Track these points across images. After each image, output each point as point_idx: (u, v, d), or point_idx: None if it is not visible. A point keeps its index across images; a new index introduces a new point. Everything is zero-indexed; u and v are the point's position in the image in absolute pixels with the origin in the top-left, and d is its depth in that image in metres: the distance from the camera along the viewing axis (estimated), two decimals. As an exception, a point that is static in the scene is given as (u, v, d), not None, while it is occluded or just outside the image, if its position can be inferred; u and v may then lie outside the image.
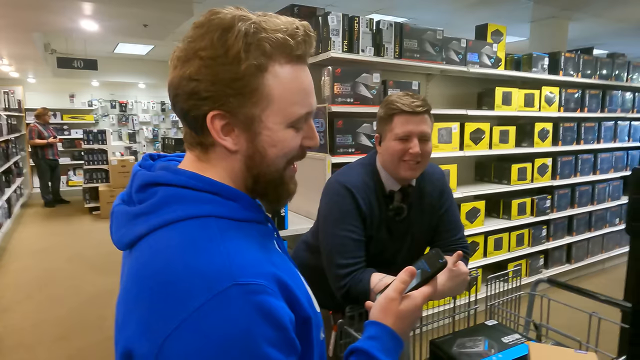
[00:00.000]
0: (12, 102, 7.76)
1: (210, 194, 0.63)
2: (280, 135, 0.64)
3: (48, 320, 3.50)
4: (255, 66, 0.59)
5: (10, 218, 6.53)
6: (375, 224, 1.34)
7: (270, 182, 0.67)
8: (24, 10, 3.56)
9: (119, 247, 0.65)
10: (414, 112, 1.26)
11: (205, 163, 0.66)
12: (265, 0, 4.79)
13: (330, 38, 2.55)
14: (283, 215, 2.45)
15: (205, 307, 0.52)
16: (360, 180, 1.34)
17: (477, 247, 3.47)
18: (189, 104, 0.61)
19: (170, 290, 0.54)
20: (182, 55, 0.61)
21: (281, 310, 0.56)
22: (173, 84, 0.62)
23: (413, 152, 1.26)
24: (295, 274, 0.67)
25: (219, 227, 0.60)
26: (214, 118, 0.61)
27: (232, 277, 0.54)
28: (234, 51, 0.58)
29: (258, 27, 0.59)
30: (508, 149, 3.50)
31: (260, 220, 0.68)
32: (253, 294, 0.54)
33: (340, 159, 2.54)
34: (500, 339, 1.37)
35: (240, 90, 0.60)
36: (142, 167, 0.70)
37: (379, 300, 0.75)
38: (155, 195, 0.62)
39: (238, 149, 0.64)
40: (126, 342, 0.56)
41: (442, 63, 3.01)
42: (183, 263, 0.55)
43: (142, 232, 0.60)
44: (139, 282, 0.58)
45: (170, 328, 0.52)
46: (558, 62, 3.76)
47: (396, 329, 0.72)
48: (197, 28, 0.61)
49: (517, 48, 7.24)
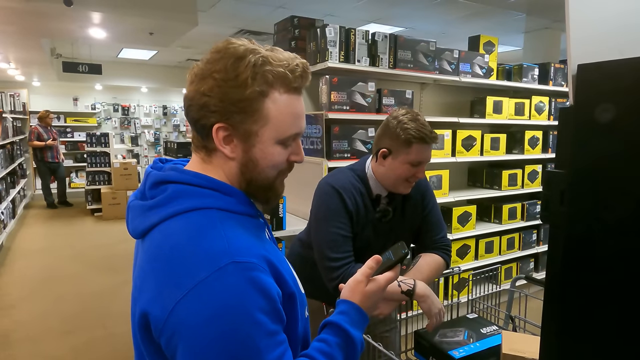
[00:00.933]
0: (17, 105, 7.88)
1: (212, 190, 0.76)
2: (270, 150, 0.77)
3: (53, 315, 3.61)
4: (258, 92, 0.73)
5: (15, 218, 6.65)
6: (361, 223, 1.47)
7: (260, 187, 0.80)
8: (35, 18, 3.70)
9: (134, 235, 0.79)
10: (430, 142, 1.40)
11: (208, 164, 0.79)
12: (267, 10, 4.93)
13: (328, 49, 2.69)
14: (281, 216, 2.57)
15: (209, 279, 0.65)
16: (348, 182, 1.47)
17: (468, 250, 3.60)
18: (200, 115, 0.75)
19: (180, 265, 0.67)
20: (199, 73, 0.74)
21: (270, 285, 0.69)
22: (189, 96, 0.75)
23: (419, 177, 1.42)
24: (282, 258, 0.81)
25: (219, 217, 0.73)
26: (218, 129, 0.74)
27: (231, 255, 0.67)
28: (242, 77, 0.72)
29: (265, 60, 0.73)
30: (499, 155, 3.63)
31: (253, 214, 0.81)
32: (247, 270, 0.67)
33: (336, 164, 2.66)
34: (479, 330, 1.50)
35: (244, 109, 0.73)
36: (153, 169, 0.83)
37: (349, 282, 0.88)
38: (166, 191, 0.75)
39: (235, 157, 0.77)
40: (143, 306, 0.69)
41: (435, 73, 3.15)
42: (190, 244, 0.69)
43: (155, 222, 0.74)
44: (153, 259, 0.71)
45: (180, 295, 0.65)
46: (548, 72, 3.91)
47: (362, 306, 0.85)
48: (215, 52, 0.74)
49: (512, 57, 7.40)
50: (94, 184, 7.46)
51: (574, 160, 0.52)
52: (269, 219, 2.55)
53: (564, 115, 0.57)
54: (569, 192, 0.53)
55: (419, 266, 1.48)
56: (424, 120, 1.42)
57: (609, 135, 0.48)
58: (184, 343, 0.64)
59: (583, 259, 0.52)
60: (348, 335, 0.79)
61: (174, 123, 10.71)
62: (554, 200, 0.55)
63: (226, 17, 5.25)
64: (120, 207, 7.20)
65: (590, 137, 0.50)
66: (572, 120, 0.53)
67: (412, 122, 1.39)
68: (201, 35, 5.86)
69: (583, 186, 0.50)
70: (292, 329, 0.77)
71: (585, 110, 0.50)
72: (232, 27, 5.79)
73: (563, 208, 0.53)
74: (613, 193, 0.49)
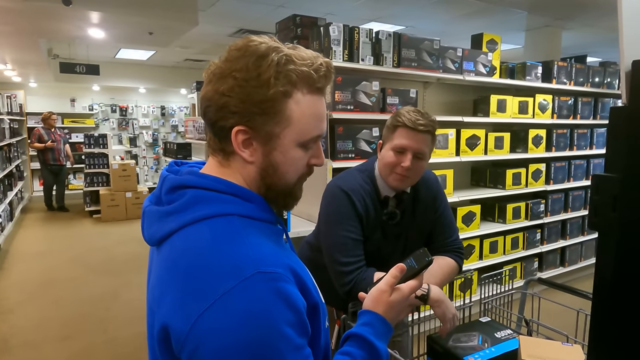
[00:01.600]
0: (14, 106, 7.81)
1: (232, 195, 0.72)
2: (292, 153, 0.73)
3: (52, 320, 3.56)
4: (282, 92, 0.69)
5: (12, 221, 6.59)
6: (370, 226, 1.43)
7: (280, 192, 0.76)
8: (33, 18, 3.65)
9: (150, 243, 0.74)
10: (415, 129, 1.32)
11: (226, 168, 0.75)
12: (267, 9, 4.89)
13: (332, 47, 2.65)
14: (286, 218, 2.54)
15: (234, 290, 0.61)
16: (357, 184, 1.42)
17: (473, 250, 3.57)
18: (218, 116, 0.70)
19: (203, 275, 0.63)
20: (218, 72, 0.70)
21: (296, 296, 0.66)
22: (207, 96, 0.71)
23: (404, 166, 1.33)
24: (303, 266, 0.77)
25: (242, 224, 0.69)
26: (238, 132, 0.70)
27: (256, 265, 0.63)
28: (265, 77, 0.68)
29: (289, 59, 0.69)
30: (503, 154, 3.60)
31: (272, 221, 0.77)
32: (274, 281, 0.63)
33: (340, 164, 2.63)
34: (493, 334, 1.46)
35: (266, 111, 0.69)
36: (169, 172, 0.78)
37: (372, 292, 0.84)
38: (184, 196, 0.71)
39: (254, 161, 0.73)
40: (163, 318, 0.65)
41: (438, 71, 3.12)
42: (213, 253, 0.65)
43: (174, 228, 0.69)
44: (173, 268, 0.67)
45: (204, 307, 0.61)
46: (551, 70, 3.88)
47: (386, 316, 0.82)
48: (235, 50, 0.70)
49: (513, 56, 7.38)
50: (92, 185, 7.40)
51: (628, 164, 0.48)
52: (273, 221, 2.52)
53: (616, 115, 0.53)
54: (622, 197, 0.49)
55: (432, 270, 1.44)
56: (428, 115, 1.37)
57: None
58: (208, 356, 0.60)
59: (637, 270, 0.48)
60: (373, 347, 0.76)
61: (172, 123, 10.65)
62: (605, 206, 0.51)
63: (226, 17, 5.20)
64: (119, 208, 7.14)
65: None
66: (626, 121, 0.49)
67: (409, 112, 1.35)
68: (200, 35, 5.81)
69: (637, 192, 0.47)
70: (315, 340, 0.73)
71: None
72: (232, 26, 5.74)
73: (615, 214, 0.49)
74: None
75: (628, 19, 0.47)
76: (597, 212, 0.53)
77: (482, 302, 1.68)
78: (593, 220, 0.53)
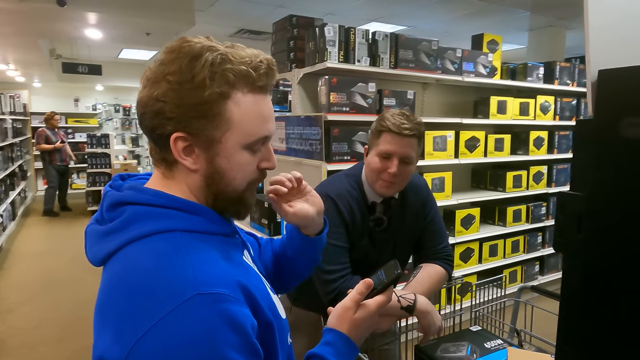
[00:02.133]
0: (17, 106, 7.85)
1: (175, 210, 0.68)
2: (237, 157, 0.69)
3: (50, 321, 3.56)
4: (218, 93, 0.65)
5: (14, 220, 6.62)
6: (357, 233, 1.39)
7: (229, 200, 0.72)
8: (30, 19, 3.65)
9: (94, 264, 0.70)
10: (400, 133, 1.28)
11: (170, 180, 0.71)
12: (267, 9, 4.87)
13: (327, 48, 2.62)
14: (279, 221, 2.51)
15: (171, 314, 0.57)
16: (344, 189, 1.39)
17: (472, 253, 3.52)
18: (154, 123, 0.67)
19: (139, 300, 0.59)
20: (152, 77, 0.66)
21: (243, 317, 0.62)
22: (141, 102, 0.67)
23: (390, 172, 1.30)
24: (260, 283, 0.73)
25: (185, 240, 0.65)
26: (176, 139, 0.66)
27: (196, 286, 0.59)
28: (199, 78, 0.64)
29: (224, 58, 0.65)
30: (503, 156, 3.55)
31: (227, 233, 0.73)
32: (216, 302, 0.59)
33: (336, 167, 2.60)
34: (482, 344, 1.43)
35: (204, 114, 0.66)
36: (112, 187, 0.75)
37: (336, 308, 0.81)
38: (124, 213, 0.67)
39: (198, 169, 0.69)
40: (99, 351, 0.61)
41: (437, 72, 3.08)
42: (150, 275, 0.61)
43: (113, 249, 0.66)
44: (110, 294, 0.63)
45: (139, 334, 0.57)
46: (553, 71, 3.82)
47: (351, 335, 0.78)
48: (169, 53, 0.66)
49: (516, 56, 7.31)
50: (94, 185, 7.42)
51: (594, 182, 0.44)
52: (266, 225, 2.49)
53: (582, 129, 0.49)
54: (587, 217, 0.45)
55: (420, 278, 1.41)
56: (414, 117, 1.33)
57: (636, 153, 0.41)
58: None
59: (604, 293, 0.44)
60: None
61: (175, 123, 10.67)
62: (570, 227, 0.47)
63: (225, 17, 5.19)
64: (121, 208, 7.14)
65: (614, 155, 0.42)
66: (592, 135, 0.46)
67: (394, 115, 1.31)
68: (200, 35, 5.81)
69: (604, 212, 0.43)
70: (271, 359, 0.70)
71: (608, 124, 0.43)
72: (232, 26, 5.72)
73: (580, 236, 0.46)
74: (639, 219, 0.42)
75: (594, 24, 0.44)
76: (561, 233, 0.49)
77: (472, 310, 1.64)
78: (557, 240, 0.50)
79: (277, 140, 3.13)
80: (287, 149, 2.99)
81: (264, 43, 6.19)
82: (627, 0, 0.46)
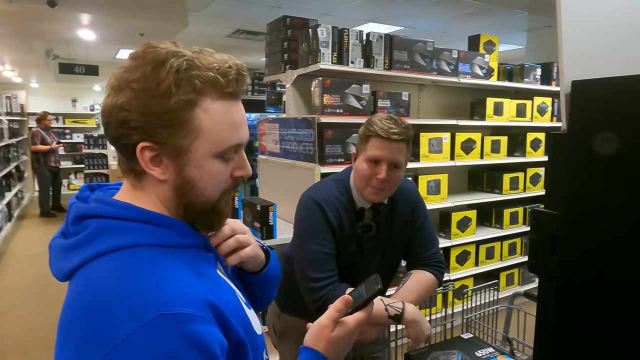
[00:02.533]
0: (14, 107, 7.83)
1: (142, 223, 0.65)
2: (208, 166, 0.67)
3: (44, 324, 3.53)
4: (185, 101, 0.63)
5: (10, 222, 6.60)
6: (345, 239, 1.36)
7: (200, 211, 0.70)
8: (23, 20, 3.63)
9: (58, 279, 0.67)
10: (389, 138, 1.26)
11: (138, 191, 0.68)
12: (263, 10, 4.84)
13: (320, 50, 2.59)
14: (272, 224, 2.48)
15: (132, 337, 0.54)
16: (331, 195, 1.36)
17: (468, 256, 3.49)
18: (119, 132, 0.64)
19: (99, 321, 0.56)
20: (116, 84, 0.64)
21: (210, 337, 0.58)
22: (105, 111, 0.65)
23: (379, 178, 1.27)
24: (233, 298, 0.69)
25: (150, 255, 0.62)
26: (143, 149, 0.64)
27: (159, 306, 0.56)
28: (164, 85, 0.61)
29: (191, 64, 0.63)
30: (500, 158, 3.52)
31: (197, 245, 0.70)
32: (180, 323, 0.56)
33: (329, 169, 2.57)
34: (473, 353, 1.40)
35: (170, 123, 0.63)
36: (79, 199, 0.71)
37: (313, 326, 0.78)
38: (88, 227, 0.64)
39: (167, 179, 0.66)
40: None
41: (433, 74, 3.05)
42: (112, 293, 0.57)
43: (76, 264, 0.62)
44: (71, 311, 0.60)
45: (98, 357, 0.53)
46: (551, 72, 3.79)
47: (328, 353, 0.75)
48: (133, 59, 0.64)
49: (514, 56, 7.27)
50: (91, 186, 7.38)
51: (568, 199, 0.41)
52: (258, 228, 2.46)
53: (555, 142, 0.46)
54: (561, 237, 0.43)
55: (409, 286, 1.38)
56: (402, 121, 1.30)
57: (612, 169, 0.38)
58: None
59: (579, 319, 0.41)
60: None
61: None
62: (544, 247, 0.44)
63: (221, 17, 5.15)
64: (118, 209, 7.11)
65: (588, 171, 0.39)
66: (566, 149, 0.43)
67: (381, 120, 1.29)
68: (197, 36, 5.77)
69: (579, 231, 0.40)
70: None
71: (582, 138, 0.40)
72: (228, 27, 5.69)
73: (554, 257, 0.43)
74: (616, 240, 0.39)
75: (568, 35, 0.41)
76: (535, 254, 0.46)
77: (464, 317, 1.61)
78: (532, 262, 0.47)
79: (271, 142, 3.10)
80: (281, 151, 2.96)
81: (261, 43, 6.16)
82: (602, 10, 0.43)
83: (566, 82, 0.42)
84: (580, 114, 0.40)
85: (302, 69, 2.76)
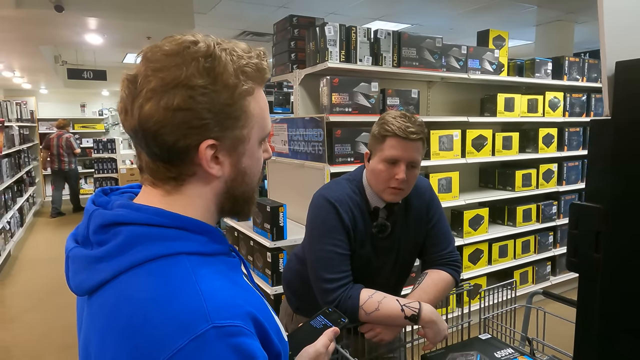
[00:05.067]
0: (24, 113, 7.90)
1: (178, 229, 0.61)
2: (257, 154, 0.68)
3: (55, 329, 3.54)
4: (246, 90, 0.63)
5: (23, 227, 6.65)
6: (359, 239, 1.33)
7: (247, 200, 0.70)
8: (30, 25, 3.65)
9: (78, 293, 0.63)
10: (407, 138, 1.23)
11: (172, 196, 0.64)
12: (269, 10, 4.83)
13: (328, 48, 2.56)
14: (282, 225, 2.45)
15: (183, 351, 0.51)
16: (345, 194, 1.33)
17: (481, 254, 3.44)
18: (177, 136, 0.59)
19: (147, 336, 0.52)
20: (158, 86, 0.58)
21: (257, 352, 0.56)
22: (154, 118, 0.58)
23: (399, 179, 1.24)
24: (265, 307, 0.66)
25: (192, 264, 0.59)
26: (206, 148, 0.61)
27: (209, 319, 0.53)
28: (226, 77, 0.60)
29: (237, 54, 0.62)
30: (511, 155, 3.46)
31: (225, 252, 0.67)
32: (231, 337, 0.54)
33: (339, 169, 2.54)
34: (492, 354, 1.36)
35: (234, 114, 0.62)
36: (97, 205, 0.66)
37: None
38: (119, 235, 0.59)
39: (221, 175, 0.65)
40: None
41: (442, 70, 3.00)
42: (157, 307, 0.54)
43: (107, 277, 0.58)
44: (109, 328, 0.55)
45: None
46: (562, 66, 3.72)
47: None
48: (171, 57, 0.59)
49: (524, 52, 7.19)
50: (101, 190, 7.44)
51: (614, 192, 0.38)
52: (268, 229, 2.43)
53: (597, 130, 0.43)
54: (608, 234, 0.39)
55: (425, 286, 1.34)
56: (416, 119, 1.27)
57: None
58: None
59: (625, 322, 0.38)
60: None
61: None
62: (586, 244, 0.41)
63: (227, 19, 5.16)
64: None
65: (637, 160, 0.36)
66: (610, 138, 0.39)
67: (396, 118, 1.25)
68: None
69: (627, 227, 0.37)
70: None
71: (630, 125, 0.36)
72: (234, 28, 5.69)
73: (597, 255, 0.40)
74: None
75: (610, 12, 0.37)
76: (576, 252, 0.43)
77: (481, 317, 1.57)
78: (571, 260, 0.43)
79: (280, 142, 3.07)
80: (289, 151, 2.94)
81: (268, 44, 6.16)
82: (649, -22, 0.40)
83: (609, 64, 0.38)
84: (626, 99, 0.37)
85: (309, 68, 2.73)
